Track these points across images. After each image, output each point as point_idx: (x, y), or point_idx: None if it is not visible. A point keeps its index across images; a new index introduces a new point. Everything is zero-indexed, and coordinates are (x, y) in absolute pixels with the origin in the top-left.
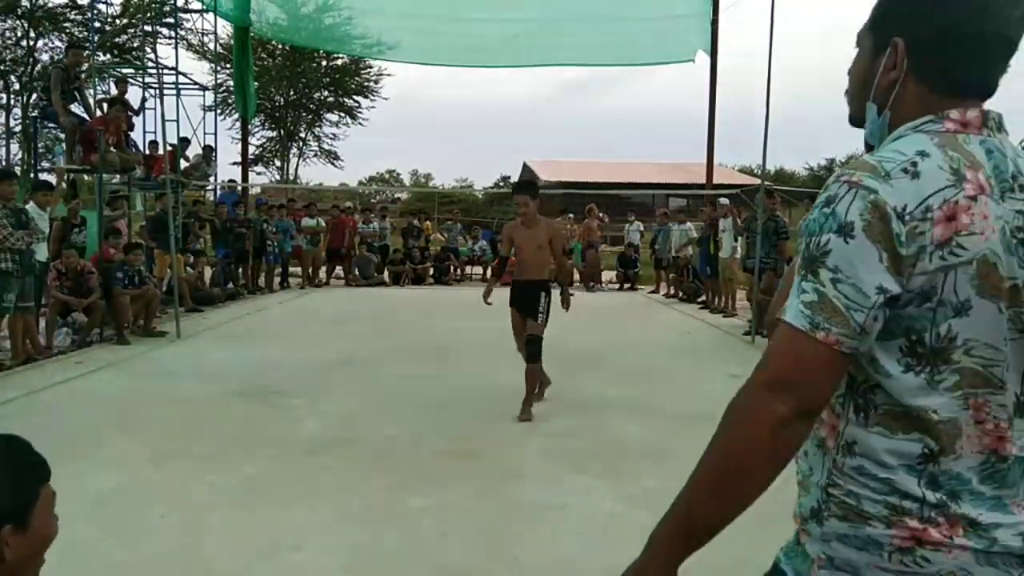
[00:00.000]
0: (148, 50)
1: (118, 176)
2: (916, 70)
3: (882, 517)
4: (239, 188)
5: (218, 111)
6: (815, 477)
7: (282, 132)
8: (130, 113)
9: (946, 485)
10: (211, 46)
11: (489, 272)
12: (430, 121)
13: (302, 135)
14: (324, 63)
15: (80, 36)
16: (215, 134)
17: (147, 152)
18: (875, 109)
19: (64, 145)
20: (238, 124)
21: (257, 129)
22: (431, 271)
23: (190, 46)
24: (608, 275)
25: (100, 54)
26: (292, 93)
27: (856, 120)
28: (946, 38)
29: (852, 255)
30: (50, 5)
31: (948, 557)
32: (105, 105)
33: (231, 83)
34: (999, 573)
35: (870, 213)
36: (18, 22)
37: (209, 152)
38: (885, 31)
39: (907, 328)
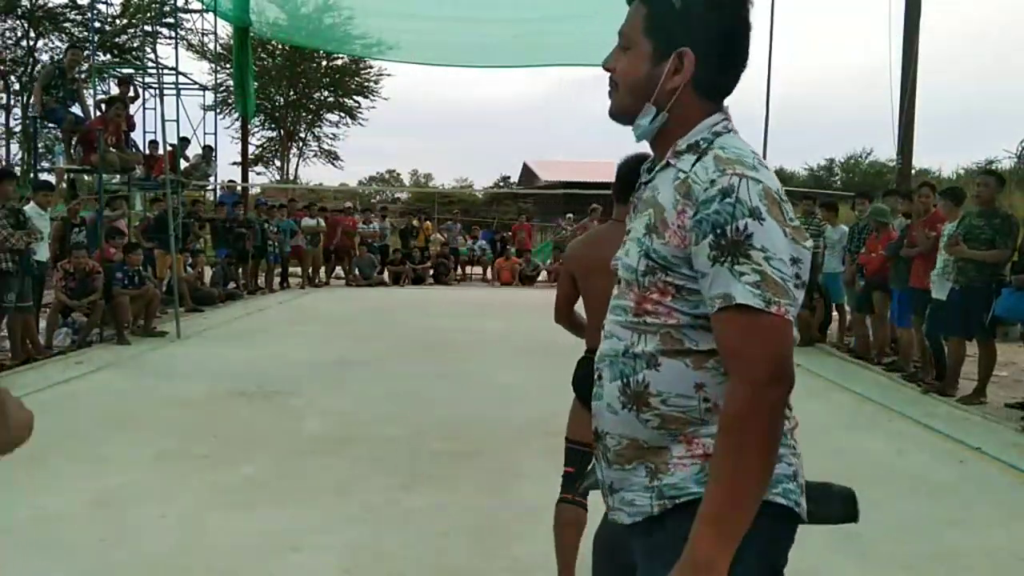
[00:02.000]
0: (148, 50)
1: (118, 176)
2: (695, 78)
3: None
4: (239, 188)
5: (218, 111)
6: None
7: (282, 132)
8: (128, 101)
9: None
10: (211, 46)
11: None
12: (430, 121)
13: (302, 135)
14: (324, 63)
15: (80, 36)
16: (215, 134)
17: (147, 152)
18: (654, 111)
19: (63, 145)
20: (238, 124)
21: (257, 129)
22: (431, 271)
23: (190, 46)
24: None
25: (100, 54)
26: (292, 93)
27: (621, 115)
28: (725, 48)
29: (770, 234)
30: (50, 5)
31: None
32: (104, 105)
33: (231, 83)
34: None
35: (767, 198)
36: (18, 22)
37: (209, 152)
38: (670, 40)
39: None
